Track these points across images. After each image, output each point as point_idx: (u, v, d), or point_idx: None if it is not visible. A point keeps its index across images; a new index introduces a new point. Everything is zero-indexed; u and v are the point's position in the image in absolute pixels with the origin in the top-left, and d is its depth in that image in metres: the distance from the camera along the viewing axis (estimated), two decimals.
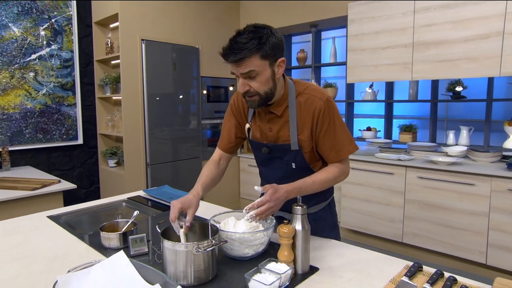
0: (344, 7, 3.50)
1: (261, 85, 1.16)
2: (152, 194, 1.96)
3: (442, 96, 4.48)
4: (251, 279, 0.94)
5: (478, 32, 2.75)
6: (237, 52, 1.10)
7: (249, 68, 1.12)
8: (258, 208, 1.11)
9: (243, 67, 1.12)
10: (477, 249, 2.75)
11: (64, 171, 3.40)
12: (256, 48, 1.10)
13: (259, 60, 1.12)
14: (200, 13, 3.84)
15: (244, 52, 1.09)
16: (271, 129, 1.30)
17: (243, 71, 1.13)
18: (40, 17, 3.13)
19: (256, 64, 1.12)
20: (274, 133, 1.30)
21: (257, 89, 1.17)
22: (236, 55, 1.10)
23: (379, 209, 3.23)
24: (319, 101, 1.23)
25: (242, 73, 1.14)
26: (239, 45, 1.10)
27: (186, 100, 3.73)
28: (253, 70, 1.13)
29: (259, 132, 1.34)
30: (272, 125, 1.30)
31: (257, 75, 1.14)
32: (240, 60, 1.11)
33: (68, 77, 3.33)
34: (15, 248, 1.28)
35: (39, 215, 1.65)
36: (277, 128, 1.29)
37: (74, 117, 3.40)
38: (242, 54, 1.09)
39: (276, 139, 1.31)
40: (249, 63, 1.11)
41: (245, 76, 1.15)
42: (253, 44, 1.10)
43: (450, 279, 0.97)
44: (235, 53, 1.10)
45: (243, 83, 1.17)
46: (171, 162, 3.62)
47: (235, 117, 1.42)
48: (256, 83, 1.16)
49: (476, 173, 2.70)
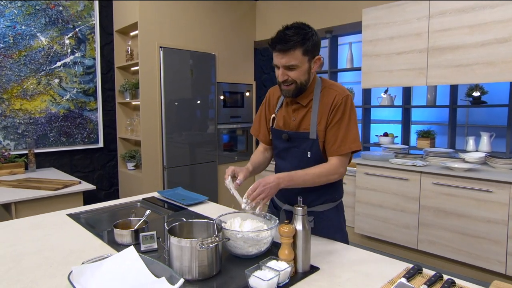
0: (359, 13, 3.51)
1: (299, 76, 1.32)
2: (166, 196, 2.04)
3: (461, 102, 4.39)
4: (251, 275, 0.98)
5: (496, 36, 2.71)
6: (285, 42, 1.25)
7: (292, 62, 1.28)
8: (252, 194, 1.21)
9: (287, 58, 1.28)
10: (496, 258, 2.67)
11: (85, 173, 3.55)
12: (301, 42, 1.26)
13: (301, 55, 1.28)
14: (216, 20, 3.94)
15: (290, 44, 1.25)
16: (295, 119, 1.42)
17: (286, 64, 1.29)
18: (65, 26, 3.31)
19: (297, 58, 1.28)
20: (296, 122, 1.41)
21: (295, 78, 1.32)
22: (283, 45, 1.26)
23: (394, 215, 3.19)
24: (339, 96, 1.36)
25: (284, 64, 1.29)
26: (286, 37, 1.25)
27: (203, 106, 3.82)
28: (294, 64, 1.29)
29: (283, 121, 1.46)
30: (296, 115, 1.42)
31: (296, 68, 1.30)
32: (286, 50, 1.26)
33: (90, 83, 3.49)
34: (38, 241, 1.37)
35: (60, 213, 1.75)
36: (300, 118, 1.41)
37: (95, 121, 3.55)
38: (288, 45, 1.25)
39: (297, 128, 1.42)
40: (292, 56, 1.27)
41: (285, 67, 1.30)
42: (299, 38, 1.26)
43: (448, 281, 0.98)
44: (283, 43, 1.25)
45: (283, 73, 1.32)
46: (188, 166, 3.71)
47: (267, 111, 1.56)
48: (294, 74, 1.31)
49: (495, 180, 2.64)
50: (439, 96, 4.44)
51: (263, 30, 4.44)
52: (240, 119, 4.35)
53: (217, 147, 4.03)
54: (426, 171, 2.97)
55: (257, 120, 1.62)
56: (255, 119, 1.64)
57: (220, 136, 4.09)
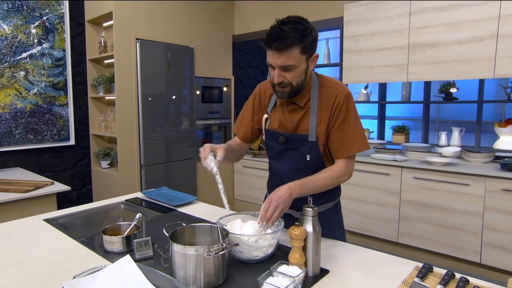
0: (340, 8, 3.51)
1: (295, 77, 1.21)
2: (151, 196, 1.93)
3: (434, 98, 4.54)
4: (264, 282, 0.92)
5: (473, 34, 2.79)
6: (281, 39, 1.12)
7: (289, 62, 1.16)
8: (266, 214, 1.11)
9: (284, 58, 1.16)
10: (471, 248, 2.79)
11: (55, 173, 3.32)
12: (299, 39, 1.14)
13: (299, 54, 1.17)
14: (194, 13, 3.80)
15: (288, 41, 1.12)
16: (292, 120, 1.33)
17: (282, 64, 1.17)
18: (31, 14, 3.05)
19: (295, 58, 1.16)
20: (294, 124, 1.32)
21: (291, 80, 1.21)
22: (280, 43, 1.13)
23: (375, 209, 3.24)
24: (340, 95, 1.27)
25: (280, 65, 1.17)
26: (283, 33, 1.12)
27: (181, 101, 3.69)
28: (291, 64, 1.17)
29: (278, 123, 1.36)
30: (293, 116, 1.33)
31: (293, 68, 1.19)
32: (283, 48, 1.14)
33: (60, 76, 3.26)
34: (14, 252, 1.23)
35: (35, 218, 1.60)
36: (298, 119, 1.31)
37: (66, 117, 3.32)
38: (286, 42, 1.13)
39: (295, 129, 1.33)
40: (290, 55, 1.15)
41: (282, 68, 1.18)
42: (297, 34, 1.13)
43: (462, 280, 0.97)
44: (280, 40, 1.13)
45: (279, 74, 1.20)
46: (165, 164, 3.57)
47: (255, 108, 1.45)
48: (290, 75, 1.20)
49: (471, 174, 2.74)
50: (413, 92, 4.57)
51: (242, 24, 4.35)
52: (218, 115, 4.25)
53: (196, 144, 3.91)
54: (406, 165, 3.03)
55: (240, 117, 1.51)
56: (239, 115, 1.54)
57: (198, 132, 3.98)
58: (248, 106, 1.49)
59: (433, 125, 5.71)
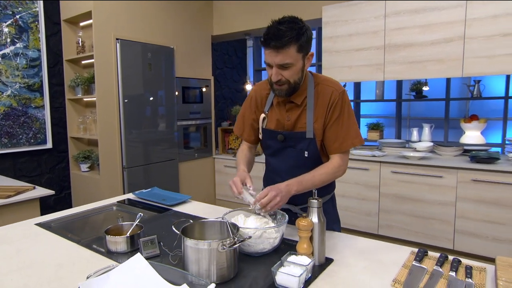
0: (318, 10, 3.61)
1: (292, 75, 1.26)
2: (143, 197, 1.92)
3: (405, 96, 4.77)
4: (278, 272, 0.96)
5: (443, 36, 2.97)
6: (279, 38, 1.18)
7: (287, 60, 1.21)
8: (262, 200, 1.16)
9: (281, 56, 1.21)
10: (445, 236, 2.97)
11: (32, 178, 3.20)
12: (296, 37, 1.19)
13: (295, 52, 1.22)
14: (174, 13, 3.78)
15: (285, 40, 1.18)
16: (289, 118, 1.37)
17: (280, 62, 1.22)
18: (3, 12, 2.92)
19: (292, 56, 1.22)
20: (291, 122, 1.37)
21: (288, 77, 1.26)
22: (278, 41, 1.18)
23: (356, 203, 3.37)
24: (335, 92, 1.33)
25: (278, 63, 1.22)
26: (280, 32, 1.18)
27: (162, 101, 3.65)
28: (289, 62, 1.22)
29: (275, 122, 1.41)
30: (290, 114, 1.37)
31: (291, 66, 1.24)
32: (281, 47, 1.19)
33: (35, 77, 3.14)
34: (11, 258, 1.20)
35: (25, 223, 1.56)
36: (295, 117, 1.36)
37: (43, 120, 3.20)
38: (283, 41, 1.18)
39: (292, 127, 1.37)
40: (287, 54, 1.20)
41: (279, 66, 1.23)
42: (294, 33, 1.19)
43: (455, 260, 1.06)
44: (277, 39, 1.18)
45: (277, 72, 1.25)
46: (147, 165, 3.52)
47: (253, 109, 1.49)
48: (288, 73, 1.25)
49: (444, 166, 2.92)
50: (386, 91, 4.78)
51: (220, 25, 4.37)
52: (199, 115, 4.24)
53: (177, 145, 3.89)
54: (385, 160, 3.18)
55: (240, 119, 1.55)
56: (238, 118, 1.58)
57: (180, 132, 3.95)
58: (247, 108, 1.52)
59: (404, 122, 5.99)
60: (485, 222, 2.77)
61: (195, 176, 4.16)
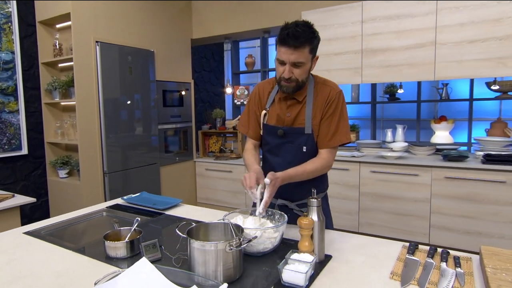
0: (297, 15, 3.70)
1: (301, 74, 1.36)
2: (133, 202, 1.90)
3: (379, 98, 4.96)
4: (284, 269, 1.00)
5: (416, 41, 3.14)
6: (297, 38, 1.27)
7: (300, 59, 1.31)
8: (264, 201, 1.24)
9: (296, 55, 1.30)
10: (421, 231, 3.12)
11: (6, 185, 3.06)
12: (310, 39, 1.30)
13: (308, 53, 1.32)
14: (153, 16, 3.75)
15: (303, 40, 1.28)
16: (290, 114, 1.45)
17: (295, 60, 1.31)
18: None
19: (305, 56, 1.32)
20: (291, 118, 1.45)
21: (298, 76, 1.35)
22: (296, 41, 1.27)
23: (337, 203, 3.47)
24: (333, 91, 1.44)
25: (292, 61, 1.31)
26: (298, 33, 1.27)
27: (143, 105, 3.61)
28: (302, 61, 1.32)
29: (276, 118, 1.48)
30: (291, 110, 1.45)
31: (302, 65, 1.33)
32: (298, 46, 1.28)
33: (8, 81, 3.01)
34: (6, 270, 1.16)
35: (13, 232, 1.51)
36: (295, 113, 1.44)
37: (17, 125, 3.08)
38: (300, 40, 1.28)
39: (292, 123, 1.45)
40: (302, 53, 1.30)
41: (293, 64, 1.32)
42: (309, 35, 1.30)
43: (444, 252, 1.15)
44: (296, 39, 1.27)
45: (290, 70, 1.34)
46: (129, 170, 3.46)
47: (258, 105, 1.55)
48: (299, 71, 1.35)
49: (419, 165, 3.07)
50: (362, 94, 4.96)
51: (200, 28, 4.37)
52: (179, 119, 4.22)
53: (159, 148, 3.85)
54: (363, 160, 3.30)
55: (245, 117, 1.61)
56: (242, 116, 1.63)
57: (161, 136, 3.92)
58: (251, 106, 1.58)
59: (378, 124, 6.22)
60: (458, 217, 2.95)
61: (176, 180, 4.13)
